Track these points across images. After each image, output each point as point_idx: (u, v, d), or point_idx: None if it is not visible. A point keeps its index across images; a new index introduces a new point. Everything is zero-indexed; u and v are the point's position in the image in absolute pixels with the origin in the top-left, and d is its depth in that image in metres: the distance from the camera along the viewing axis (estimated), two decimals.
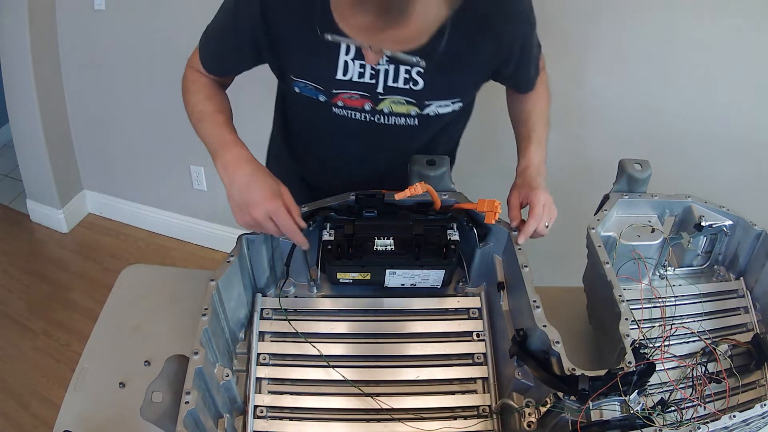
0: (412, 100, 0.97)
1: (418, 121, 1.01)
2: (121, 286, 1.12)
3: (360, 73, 0.94)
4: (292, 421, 0.90)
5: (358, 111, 0.99)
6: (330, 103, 0.98)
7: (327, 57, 0.93)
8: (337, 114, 1.00)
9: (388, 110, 0.98)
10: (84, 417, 0.90)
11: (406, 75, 0.94)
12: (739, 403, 0.88)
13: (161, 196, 2.54)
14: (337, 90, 0.96)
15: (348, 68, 0.94)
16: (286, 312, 1.00)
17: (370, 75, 0.94)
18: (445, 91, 0.97)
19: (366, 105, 0.98)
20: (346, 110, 0.99)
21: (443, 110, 1.00)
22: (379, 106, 0.98)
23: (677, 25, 1.45)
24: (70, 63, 2.29)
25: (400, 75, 0.94)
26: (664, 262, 1.05)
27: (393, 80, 0.95)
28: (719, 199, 1.03)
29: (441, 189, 0.99)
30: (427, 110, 0.99)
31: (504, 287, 1.00)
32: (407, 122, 1.01)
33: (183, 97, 1.05)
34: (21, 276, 2.42)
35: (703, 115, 1.55)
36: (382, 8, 0.67)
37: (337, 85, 0.95)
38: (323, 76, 0.95)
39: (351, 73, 0.94)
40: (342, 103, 0.98)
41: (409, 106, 0.98)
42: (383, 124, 1.01)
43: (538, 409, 0.82)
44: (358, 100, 0.97)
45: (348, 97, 0.97)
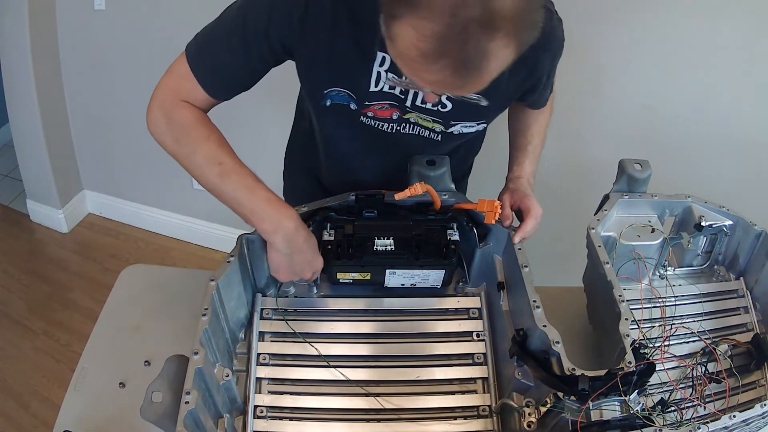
0: (438, 119, 0.97)
1: (441, 137, 1.00)
2: (121, 286, 1.12)
3: (391, 86, 0.92)
4: (292, 421, 0.90)
5: (386, 121, 0.97)
6: (359, 113, 0.96)
7: (362, 67, 0.89)
8: (364, 123, 0.98)
9: (414, 120, 0.97)
10: (84, 417, 0.90)
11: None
12: (739, 403, 0.88)
13: (161, 196, 2.54)
14: (369, 102, 0.94)
15: (380, 78, 0.91)
16: (284, 312, 1.00)
17: (400, 90, 0.92)
18: (473, 115, 0.97)
19: (394, 114, 0.96)
20: (374, 120, 0.97)
21: (467, 130, 1.00)
22: (406, 116, 0.97)
23: (677, 25, 1.45)
24: (70, 63, 2.29)
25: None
26: (664, 262, 1.05)
27: (422, 102, 0.93)
28: (719, 199, 1.03)
29: (441, 189, 0.99)
30: (451, 129, 0.98)
31: (504, 287, 1.00)
32: (430, 136, 1.00)
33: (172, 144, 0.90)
34: (21, 276, 2.42)
35: (703, 115, 1.55)
36: (457, 68, 0.66)
37: (370, 97, 0.93)
38: (357, 85, 0.92)
39: (382, 84, 0.91)
40: (372, 114, 0.96)
41: (434, 124, 0.98)
42: (407, 134, 0.99)
43: (538, 409, 0.82)
44: (387, 110, 0.95)
45: (379, 108, 0.95)
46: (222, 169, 0.88)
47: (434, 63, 0.66)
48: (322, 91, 0.94)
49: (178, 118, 0.90)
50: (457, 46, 0.64)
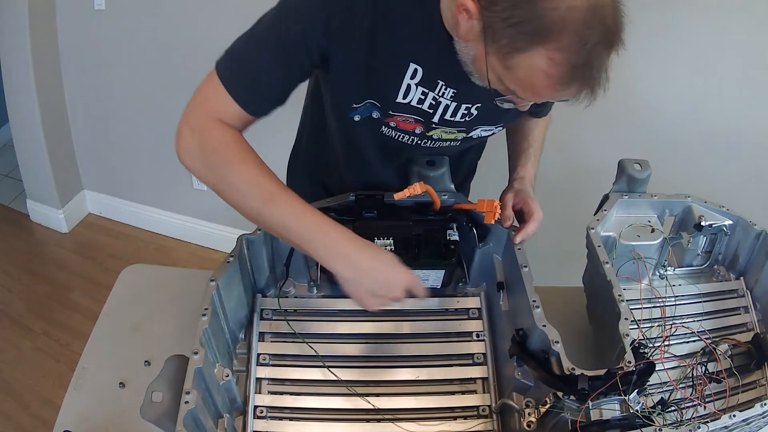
0: (462, 128, 0.97)
1: (462, 142, 1.01)
2: (121, 286, 1.12)
3: (420, 100, 0.89)
4: (292, 421, 0.90)
5: (408, 134, 0.95)
6: (382, 122, 0.93)
7: (393, 78, 0.86)
8: (385, 134, 0.96)
9: (437, 137, 0.97)
10: (84, 417, 0.90)
11: (465, 111, 0.92)
12: (739, 402, 0.88)
13: (161, 196, 2.54)
14: (393, 112, 0.91)
15: (410, 92, 0.87)
16: (285, 312, 1.00)
17: (429, 104, 0.90)
18: (493, 119, 0.97)
19: (417, 129, 0.94)
20: (396, 132, 0.95)
21: (486, 133, 1.00)
22: (430, 133, 0.96)
23: (677, 26, 1.45)
24: (70, 63, 2.29)
25: (460, 112, 0.92)
26: (664, 262, 1.05)
27: (451, 115, 0.92)
28: (719, 199, 1.03)
29: (440, 189, 0.99)
30: (472, 133, 0.99)
31: (504, 287, 1.00)
32: (451, 144, 1.00)
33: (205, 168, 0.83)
34: (21, 276, 2.42)
35: (703, 115, 1.55)
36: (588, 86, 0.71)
37: (396, 107, 0.90)
38: (384, 95, 0.89)
39: (411, 98, 0.88)
40: (394, 124, 0.93)
41: (458, 133, 0.98)
42: (428, 147, 1.00)
43: (538, 409, 0.82)
44: (411, 124, 0.93)
45: (402, 120, 0.92)
46: (266, 194, 0.82)
47: (567, 87, 0.71)
48: (352, 104, 0.91)
49: (213, 139, 0.82)
50: (587, 68, 0.69)
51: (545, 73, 0.69)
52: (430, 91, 0.88)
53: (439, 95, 0.88)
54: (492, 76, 0.75)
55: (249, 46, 0.84)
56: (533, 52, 0.68)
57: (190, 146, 0.83)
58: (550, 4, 0.65)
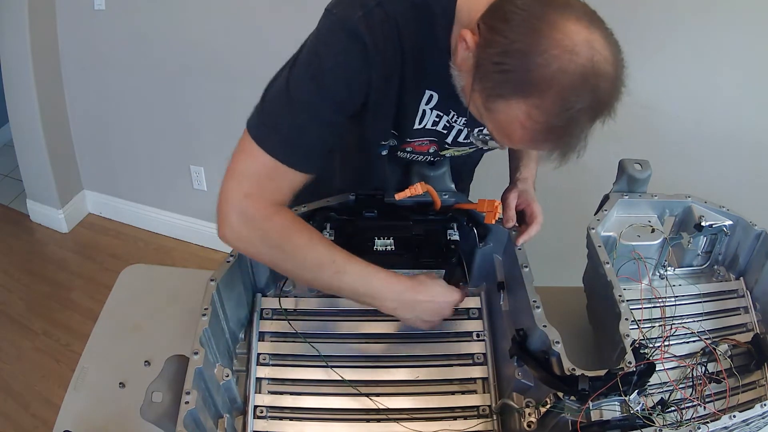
0: (474, 146, 0.98)
1: (473, 154, 1.03)
2: (121, 286, 1.12)
3: (435, 122, 0.91)
4: (292, 421, 0.90)
5: (423, 155, 0.99)
6: (398, 148, 0.97)
7: (409, 106, 0.87)
8: (399, 156, 0.99)
9: (450, 155, 1.00)
10: (84, 417, 0.90)
11: (477, 133, 0.93)
12: (739, 403, 0.88)
13: (161, 196, 2.54)
14: (411, 139, 0.94)
15: (425, 116, 0.89)
16: (285, 312, 1.00)
17: (443, 126, 0.91)
18: None
19: (431, 149, 0.97)
20: (411, 154, 0.98)
21: (495, 144, 0.98)
22: (443, 152, 0.98)
23: (677, 26, 1.45)
24: (70, 63, 2.29)
25: (473, 134, 0.93)
26: (664, 262, 1.05)
27: (465, 138, 0.94)
28: (719, 199, 1.03)
29: (441, 189, 0.99)
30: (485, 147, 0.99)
31: (504, 287, 1.00)
32: (461, 156, 1.02)
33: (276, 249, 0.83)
34: (21, 276, 2.42)
35: (703, 115, 1.55)
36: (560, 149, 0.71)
37: (412, 134, 0.92)
38: (402, 125, 0.90)
39: (426, 121, 0.90)
40: (411, 149, 0.97)
41: (470, 150, 1.00)
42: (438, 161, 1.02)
43: (538, 409, 0.82)
44: (426, 146, 0.96)
45: (419, 144, 0.95)
46: (336, 268, 0.85)
47: (540, 144, 0.71)
48: (381, 141, 0.93)
49: (274, 226, 0.82)
50: (565, 132, 0.68)
51: (522, 125, 0.68)
52: (445, 114, 0.89)
53: (453, 121, 0.90)
54: (474, 110, 0.76)
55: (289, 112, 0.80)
56: (514, 102, 0.67)
57: (248, 235, 0.82)
58: (542, 60, 0.64)
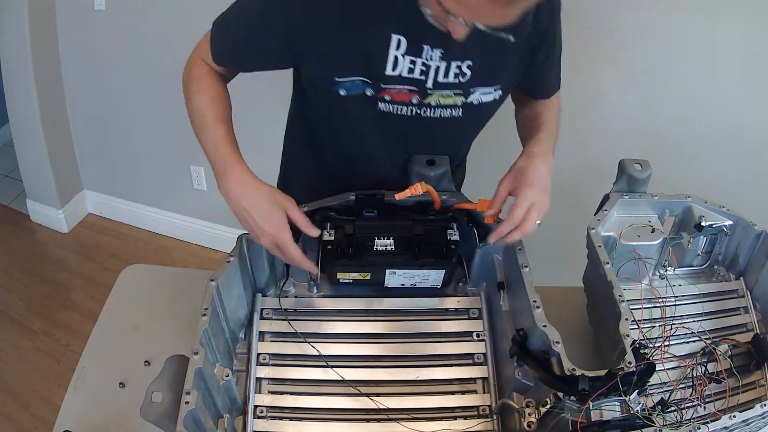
0: (459, 90, 0.96)
1: (462, 111, 0.98)
2: (121, 286, 1.12)
3: (410, 69, 0.91)
4: (292, 421, 0.90)
5: (405, 105, 0.96)
6: (376, 98, 0.95)
7: (377, 51, 0.90)
8: (382, 110, 0.96)
9: (435, 103, 0.96)
10: (84, 417, 0.90)
11: (457, 70, 0.92)
12: (739, 403, 0.88)
13: (161, 196, 2.54)
14: (385, 85, 0.93)
15: (398, 63, 0.90)
16: (286, 312, 1.00)
17: (420, 71, 0.92)
18: (488, 77, 0.96)
19: (413, 98, 0.95)
20: (392, 105, 0.96)
21: (486, 98, 0.98)
22: (427, 100, 0.95)
23: (677, 26, 1.45)
24: (70, 63, 2.29)
25: (451, 71, 0.92)
26: (664, 262, 1.05)
27: (443, 76, 0.93)
28: (719, 199, 1.03)
29: (441, 189, 0.99)
30: (471, 98, 0.97)
31: (504, 287, 1.00)
32: (452, 113, 0.98)
33: (184, 93, 0.98)
34: (21, 276, 2.42)
35: (703, 115, 1.55)
36: None
37: (386, 80, 0.92)
38: (372, 70, 0.92)
39: (400, 69, 0.91)
40: (389, 98, 0.95)
41: (456, 97, 0.96)
42: (428, 117, 0.98)
43: (538, 409, 0.82)
44: (406, 95, 0.94)
45: (396, 91, 0.94)
46: (202, 122, 0.94)
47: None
48: (335, 77, 0.93)
49: (193, 72, 0.98)
50: None
51: None
52: (418, 57, 0.90)
53: (428, 59, 0.90)
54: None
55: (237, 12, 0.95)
56: None
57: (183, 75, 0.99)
58: None
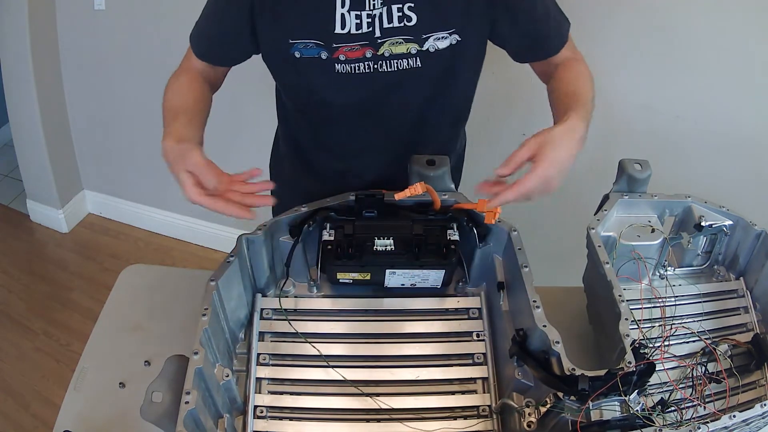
0: (409, 36, 0.98)
1: (420, 60, 1.00)
2: (121, 286, 1.12)
3: (357, 24, 0.97)
4: (292, 421, 0.90)
5: (361, 61, 0.99)
6: (332, 60, 0.99)
7: (324, 11, 0.96)
8: (341, 72, 1.00)
9: (388, 53, 0.99)
10: (84, 417, 0.90)
11: (399, 14, 0.97)
12: (739, 403, 0.88)
13: (161, 196, 2.54)
14: (337, 44, 0.98)
15: (345, 21, 0.96)
16: (286, 312, 1.00)
17: (366, 24, 0.97)
18: (439, 22, 0.98)
19: (367, 53, 0.99)
20: (348, 64, 0.99)
21: (442, 44, 1.00)
22: (380, 51, 0.99)
23: (677, 26, 1.45)
24: (70, 63, 2.29)
25: (394, 15, 0.97)
26: (664, 262, 1.05)
27: (388, 21, 0.97)
28: (719, 199, 1.03)
29: (441, 189, 0.99)
30: (426, 45, 0.99)
31: (504, 287, 1.00)
32: (409, 63, 1.00)
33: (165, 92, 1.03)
34: (21, 276, 2.42)
35: (703, 115, 1.55)
36: None
37: (337, 39, 0.97)
38: (322, 31, 0.97)
39: (349, 26, 0.96)
40: (344, 57, 0.99)
41: (408, 45, 0.99)
42: (387, 72, 1.01)
43: (538, 409, 0.82)
44: (359, 51, 0.98)
45: (349, 49, 0.98)
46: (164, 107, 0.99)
47: None
48: (288, 40, 0.98)
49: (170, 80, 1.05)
50: None
51: None
52: (362, 10, 0.96)
53: (371, 9, 0.96)
54: None
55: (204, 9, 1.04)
56: None
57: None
58: None
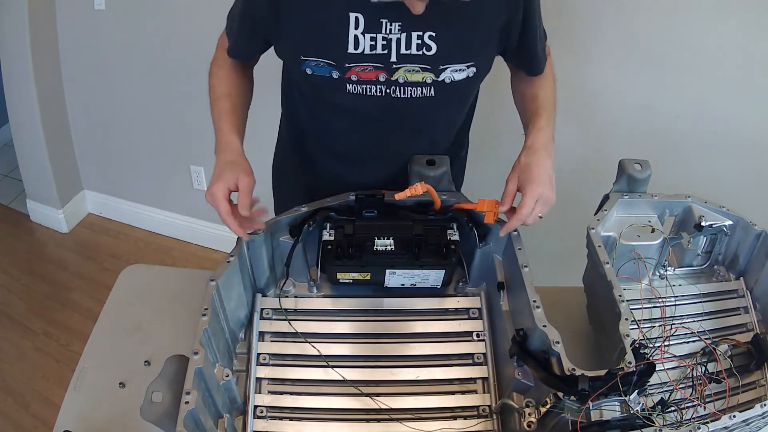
0: (426, 66, 0.95)
1: (435, 90, 0.98)
2: (121, 286, 1.12)
3: (371, 46, 0.93)
4: (292, 421, 0.90)
5: (373, 84, 0.96)
6: (344, 80, 0.96)
7: (337, 31, 0.92)
8: (352, 92, 0.97)
9: (403, 80, 0.96)
10: (84, 417, 0.90)
11: (419, 41, 0.92)
12: (739, 403, 0.88)
13: (161, 196, 2.54)
14: (350, 64, 0.94)
15: (359, 42, 0.92)
16: (286, 312, 1.00)
17: (381, 46, 0.93)
18: (459, 53, 0.95)
19: (380, 76, 0.95)
20: (360, 85, 0.96)
21: (459, 76, 0.97)
22: (394, 76, 0.95)
23: (677, 26, 1.45)
24: (70, 63, 2.29)
25: (413, 42, 0.93)
26: (664, 262, 1.05)
27: (406, 47, 0.93)
28: (719, 199, 1.03)
29: (441, 189, 0.99)
30: (442, 76, 0.96)
31: (504, 287, 1.00)
32: (423, 92, 0.98)
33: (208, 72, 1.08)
34: (21, 276, 2.42)
35: (703, 115, 1.55)
36: None
37: (350, 59, 0.94)
38: (335, 50, 0.94)
39: (362, 47, 0.93)
40: (356, 77, 0.95)
41: (424, 74, 0.96)
42: (399, 98, 0.98)
43: (538, 409, 0.82)
44: (372, 72, 0.95)
45: (361, 70, 0.95)
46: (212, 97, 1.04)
47: None
48: (300, 56, 0.96)
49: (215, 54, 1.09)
50: None
51: None
52: (378, 33, 0.92)
53: (388, 33, 0.92)
54: None
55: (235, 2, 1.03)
56: None
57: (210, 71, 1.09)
58: None
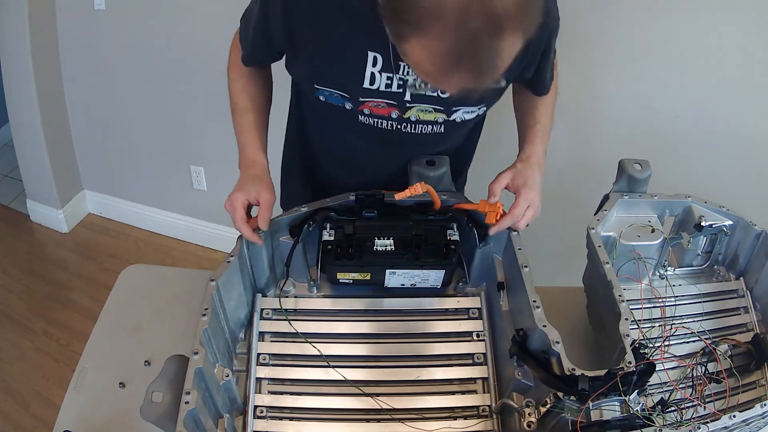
0: (440, 107, 0.95)
1: (444, 128, 0.99)
2: (121, 286, 1.12)
3: (387, 84, 0.92)
4: (292, 421, 0.90)
5: (385, 119, 0.97)
6: (356, 111, 0.96)
7: (355, 67, 0.91)
8: (363, 123, 0.97)
9: (415, 118, 0.96)
10: (84, 417, 0.90)
11: None
12: (739, 403, 0.88)
13: (161, 196, 2.54)
14: (364, 98, 0.94)
15: (375, 79, 0.91)
16: (286, 312, 1.00)
17: (397, 85, 0.92)
18: (474, 98, 0.95)
19: (393, 113, 0.95)
20: (372, 118, 0.97)
21: (469, 116, 0.98)
22: (406, 114, 0.96)
23: (677, 26, 1.45)
24: (70, 63, 2.29)
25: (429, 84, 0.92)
26: (664, 262, 1.05)
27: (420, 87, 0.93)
28: (719, 199, 1.03)
29: (441, 189, 0.99)
30: (454, 116, 0.97)
31: (504, 287, 1.00)
32: (433, 129, 0.98)
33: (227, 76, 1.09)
34: (21, 276, 2.42)
35: (703, 115, 1.55)
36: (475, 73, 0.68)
37: (364, 93, 0.93)
38: (350, 85, 0.93)
39: (378, 84, 0.92)
40: (369, 111, 0.95)
41: (436, 114, 0.96)
42: (409, 133, 0.99)
43: (538, 409, 0.82)
44: (384, 109, 0.95)
45: (375, 105, 0.95)
46: (234, 109, 1.05)
47: (452, 74, 0.68)
48: (314, 85, 0.95)
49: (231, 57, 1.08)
50: (470, 55, 0.65)
51: (428, 61, 0.68)
52: (395, 74, 0.91)
53: (405, 74, 0.91)
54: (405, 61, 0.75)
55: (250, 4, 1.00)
56: (413, 41, 0.67)
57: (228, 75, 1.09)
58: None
